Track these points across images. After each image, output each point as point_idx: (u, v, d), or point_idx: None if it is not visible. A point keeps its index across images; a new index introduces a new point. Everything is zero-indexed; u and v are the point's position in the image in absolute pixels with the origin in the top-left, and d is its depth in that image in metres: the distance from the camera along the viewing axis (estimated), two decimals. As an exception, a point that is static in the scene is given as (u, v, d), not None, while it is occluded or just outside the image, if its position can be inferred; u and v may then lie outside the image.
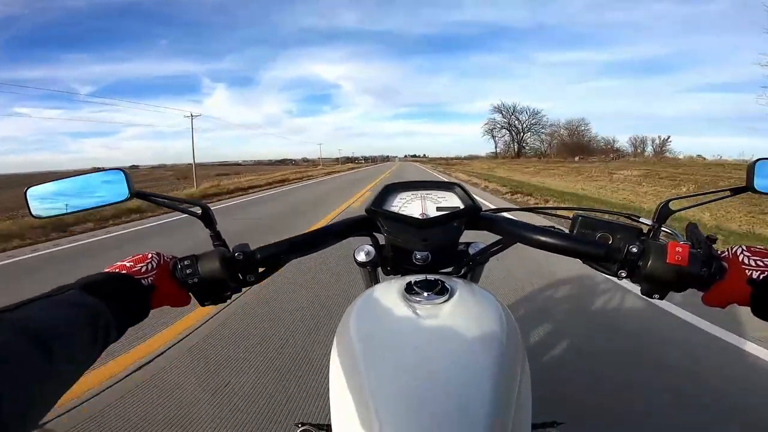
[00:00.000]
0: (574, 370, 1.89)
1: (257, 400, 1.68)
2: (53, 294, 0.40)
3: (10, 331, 0.32)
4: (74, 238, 5.78)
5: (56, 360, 0.34)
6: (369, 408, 0.39)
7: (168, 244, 4.83)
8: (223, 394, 1.74)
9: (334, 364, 0.50)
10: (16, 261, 4.58)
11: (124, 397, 1.72)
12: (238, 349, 2.15)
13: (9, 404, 0.28)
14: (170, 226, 6.53)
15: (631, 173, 21.22)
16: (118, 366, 1.95)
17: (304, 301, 2.80)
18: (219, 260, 0.53)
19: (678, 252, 0.48)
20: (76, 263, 4.35)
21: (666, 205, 0.57)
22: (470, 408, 0.38)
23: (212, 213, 0.57)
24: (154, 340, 2.23)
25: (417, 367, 0.43)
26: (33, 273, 4.07)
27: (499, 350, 0.45)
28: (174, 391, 1.76)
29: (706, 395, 1.68)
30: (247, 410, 1.62)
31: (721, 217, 6.86)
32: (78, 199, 0.54)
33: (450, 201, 0.69)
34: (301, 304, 2.75)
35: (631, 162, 42.04)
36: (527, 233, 0.59)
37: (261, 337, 2.27)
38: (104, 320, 0.41)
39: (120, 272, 0.48)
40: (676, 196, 0.60)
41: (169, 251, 0.55)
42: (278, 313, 2.61)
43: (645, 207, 8.08)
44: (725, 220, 6.63)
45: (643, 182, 16.71)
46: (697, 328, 2.29)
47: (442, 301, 0.52)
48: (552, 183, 17.74)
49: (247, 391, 1.75)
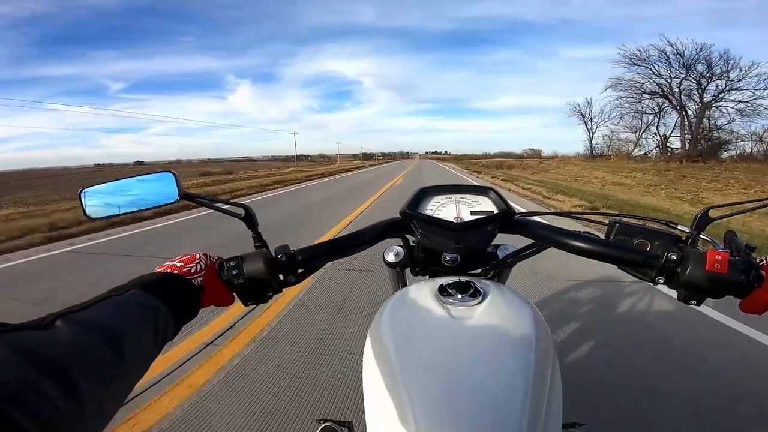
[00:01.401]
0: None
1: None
2: (115, 294, 0.42)
3: (83, 330, 0.34)
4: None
5: (125, 356, 0.35)
6: (404, 407, 0.40)
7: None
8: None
9: (368, 363, 0.51)
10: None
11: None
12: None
13: (88, 398, 0.30)
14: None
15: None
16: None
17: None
18: (263, 261, 0.55)
19: (717, 260, 0.48)
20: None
21: (705, 213, 0.57)
22: (504, 409, 0.39)
23: (255, 215, 0.59)
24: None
25: (451, 367, 0.44)
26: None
27: (532, 352, 0.46)
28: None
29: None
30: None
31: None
32: (130, 200, 0.57)
33: (484, 205, 0.70)
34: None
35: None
36: (562, 238, 0.59)
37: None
38: (164, 319, 0.43)
39: (173, 272, 0.50)
40: (717, 204, 0.59)
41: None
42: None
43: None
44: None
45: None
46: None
47: (475, 303, 0.53)
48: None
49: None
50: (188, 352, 2.06)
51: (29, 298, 3.06)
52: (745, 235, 5.01)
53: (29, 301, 2.99)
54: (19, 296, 3.13)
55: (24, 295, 3.14)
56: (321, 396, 1.70)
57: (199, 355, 2.04)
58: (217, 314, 2.45)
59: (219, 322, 2.40)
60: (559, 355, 0.63)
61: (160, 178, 0.56)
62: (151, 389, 1.75)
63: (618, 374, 1.86)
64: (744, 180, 15.80)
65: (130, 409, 1.58)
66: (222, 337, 2.24)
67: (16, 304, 2.98)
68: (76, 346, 0.32)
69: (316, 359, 2.00)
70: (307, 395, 1.71)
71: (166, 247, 4.69)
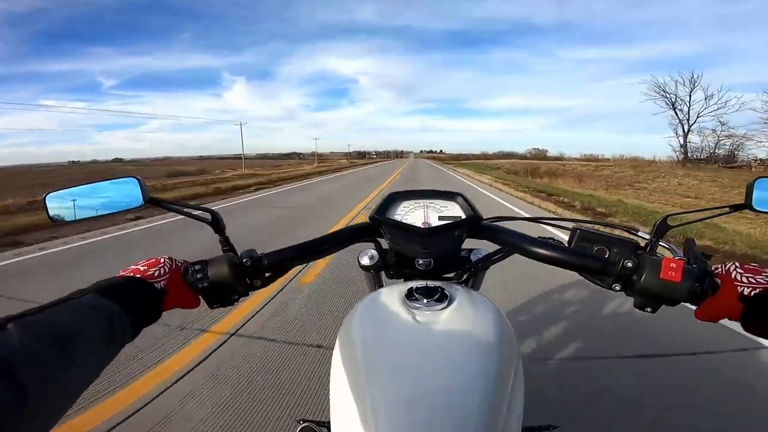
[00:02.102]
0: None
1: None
2: (72, 297, 0.42)
3: (33, 334, 0.35)
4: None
5: (77, 359, 0.36)
6: (366, 408, 0.41)
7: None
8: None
9: (336, 364, 0.51)
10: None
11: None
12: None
13: (35, 398, 0.31)
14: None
15: None
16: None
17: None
18: (228, 265, 0.55)
19: (672, 268, 0.49)
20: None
21: (664, 220, 0.58)
22: (462, 410, 0.40)
23: (221, 219, 0.59)
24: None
25: (413, 371, 0.44)
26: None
27: (494, 356, 0.47)
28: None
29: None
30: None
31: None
32: (94, 204, 0.57)
33: (452, 210, 0.71)
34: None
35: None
36: (525, 245, 0.60)
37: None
38: (120, 322, 0.44)
39: (134, 276, 0.50)
40: (676, 211, 0.60)
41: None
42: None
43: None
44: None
45: None
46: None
47: (441, 308, 0.54)
48: None
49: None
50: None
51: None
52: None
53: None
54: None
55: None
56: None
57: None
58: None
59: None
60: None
61: (124, 182, 0.56)
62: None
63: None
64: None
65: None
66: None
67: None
68: (26, 349, 0.33)
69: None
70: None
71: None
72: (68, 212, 0.57)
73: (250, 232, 5.53)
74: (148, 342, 2.19)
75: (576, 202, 9.01)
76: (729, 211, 0.59)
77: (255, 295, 2.71)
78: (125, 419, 1.61)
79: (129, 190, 0.55)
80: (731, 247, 4.72)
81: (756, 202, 0.56)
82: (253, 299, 2.78)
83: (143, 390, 1.80)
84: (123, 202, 0.56)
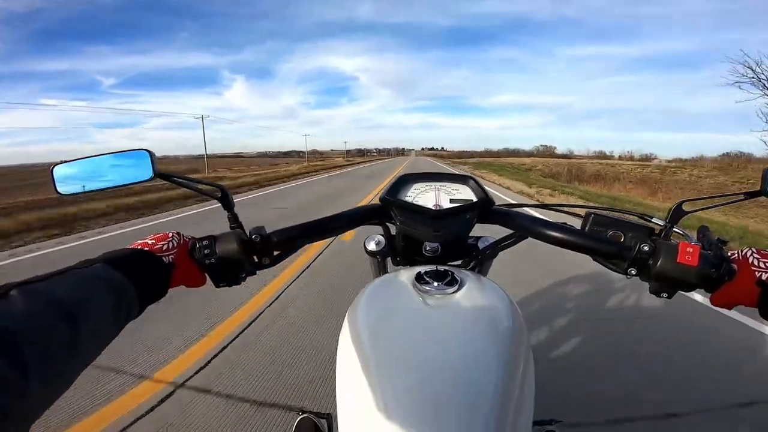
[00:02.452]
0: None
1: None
2: (80, 266, 0.41)
3: (40, 301, 0.33)
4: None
5: (81, 333, 0.34)
6: (377, 394, 0.39)
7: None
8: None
9: (343, 350, 0.50)
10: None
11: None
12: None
13: (34, 374, 0.29)
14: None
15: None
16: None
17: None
18: (236, 242, 0.54)
19: (688, 252, 0.48)
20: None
21: (679, 206, 0.57)
22: (474, 398, 0.39)
23: (231, 196, 0.58)
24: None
25: (424, 355, 0.44)
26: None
27: (505, 344, 0.46)
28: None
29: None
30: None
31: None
32: (102, 177, 0.55)
33: (463, 193, 0.70)
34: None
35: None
36: (539, 228, 0.60)
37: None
38: (128, 296, 0.42)
39: (143, 249, 0.49)
40: (691, 198, 0.60)
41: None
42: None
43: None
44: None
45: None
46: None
47: (452, 292, 0.53)
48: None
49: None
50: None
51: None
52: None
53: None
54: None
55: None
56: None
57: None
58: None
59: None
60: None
61: (135, 155, 0.54)
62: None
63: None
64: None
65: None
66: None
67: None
68: (29, 318, 0.31)
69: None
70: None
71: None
72: (77, 185, 0.56)
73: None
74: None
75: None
76: (744, 198, 0.58)
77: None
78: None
79: (139, 163, 0.54)
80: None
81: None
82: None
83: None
84: (132, 174, 0.55)
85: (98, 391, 1.73)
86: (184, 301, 2.63)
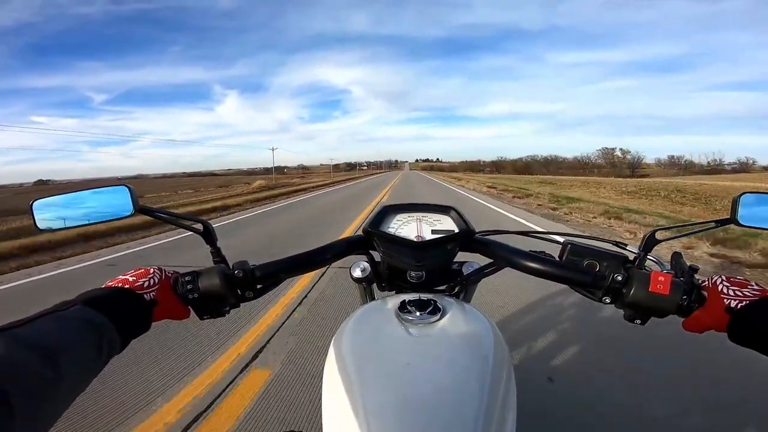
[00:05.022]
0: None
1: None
2: (58, 309, 0.41)
3: (20, 346, 0.34)
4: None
5: (63, 372, 0.35)
6: (360, 421, 0.40)
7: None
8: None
9: (328, 377, 0.51)
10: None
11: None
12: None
13: (21, 414, 0.30)
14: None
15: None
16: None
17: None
18: (219, 277, 0.55)
19: (660, 281, 0.50)
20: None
21: (653, 234, 0.59)
22: (455, 420, 0.40)
23: (213, 230, 0.59)
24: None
25: (407, 381, 0.45)
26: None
27: (486, 368, 0.47)
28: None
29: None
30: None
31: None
32: (83, 213, 0.56)
33: (445, 224, 0.71)
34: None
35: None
36: (517, 259, 0.61)
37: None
38: (108, 334, 0.43)
39: (123, 287, 0.49)
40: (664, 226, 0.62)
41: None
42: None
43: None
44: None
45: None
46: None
47: (434, 321, 0.54)
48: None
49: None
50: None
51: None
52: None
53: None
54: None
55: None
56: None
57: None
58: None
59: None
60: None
61: (114, 191, 0.55)
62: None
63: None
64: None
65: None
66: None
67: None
68: (11, 363, 0.32)
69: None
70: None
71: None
72: (57, 220, 0.56)
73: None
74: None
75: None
76: (715, 226, 0.60)
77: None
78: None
79: (119, 199, 0.55)
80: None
81: (741, 217, 0.58)
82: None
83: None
84: (112, 210, 0.55)
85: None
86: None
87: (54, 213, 0.56)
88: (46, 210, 0.56)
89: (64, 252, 5.82)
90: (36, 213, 0.56)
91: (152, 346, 2.34)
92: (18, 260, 5.40)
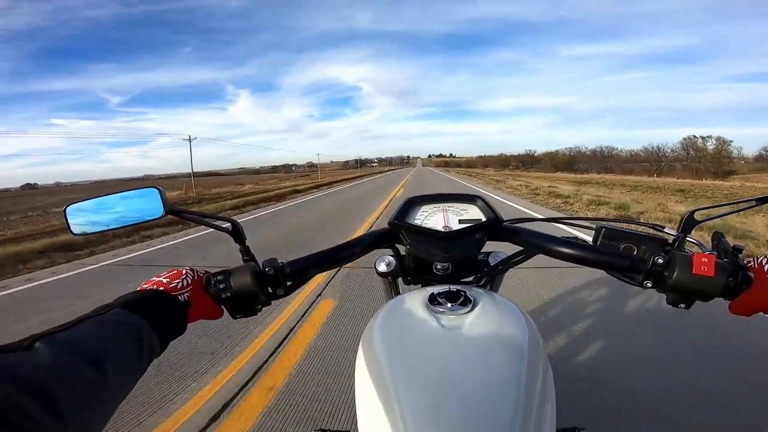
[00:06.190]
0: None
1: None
2: (98, 314, 0.42)
3: (64, 352, 0.34)
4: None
5: (108, 376, 0.36)
6: (396, 417, 0.40)
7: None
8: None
9: (360, 373, 0.51)
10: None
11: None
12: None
13: (70, 417, 0.30)
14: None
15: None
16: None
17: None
18: (250, 275, 0.55)
19: (704, 263, 0.48)
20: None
21: (691, 215, 0.57)
22: (492, 416, 0.39)
23: (242, 229, 0.59)
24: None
25: (442, 377, 0.44)
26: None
27: (522, 360, 0.46)
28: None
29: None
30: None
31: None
32: (115, 216, 0.57)
33: (472, 213, 0.70)
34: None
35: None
36: (550, 245, 0.59)
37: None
38: (147, 336, 0.43)
39: (158, 289, 0.50)
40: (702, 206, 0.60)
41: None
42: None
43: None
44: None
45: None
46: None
47: (466, 312, 0.53)
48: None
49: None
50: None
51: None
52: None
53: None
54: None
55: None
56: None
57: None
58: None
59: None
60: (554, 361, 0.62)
61: (145, 194, 0.56)
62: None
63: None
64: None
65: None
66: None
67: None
68: (58, 368, 0.32)
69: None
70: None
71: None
72: (90, 224, 0.56)
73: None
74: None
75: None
76: (755, 204, 0.58)
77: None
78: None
79: (150, 201, 0.55)
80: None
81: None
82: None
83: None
84: (144, 212, 0.56)
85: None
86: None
87: (86, 217, 0.57)
88: (79, 214, 0.57)
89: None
90: (69, 218, 0.57)
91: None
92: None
